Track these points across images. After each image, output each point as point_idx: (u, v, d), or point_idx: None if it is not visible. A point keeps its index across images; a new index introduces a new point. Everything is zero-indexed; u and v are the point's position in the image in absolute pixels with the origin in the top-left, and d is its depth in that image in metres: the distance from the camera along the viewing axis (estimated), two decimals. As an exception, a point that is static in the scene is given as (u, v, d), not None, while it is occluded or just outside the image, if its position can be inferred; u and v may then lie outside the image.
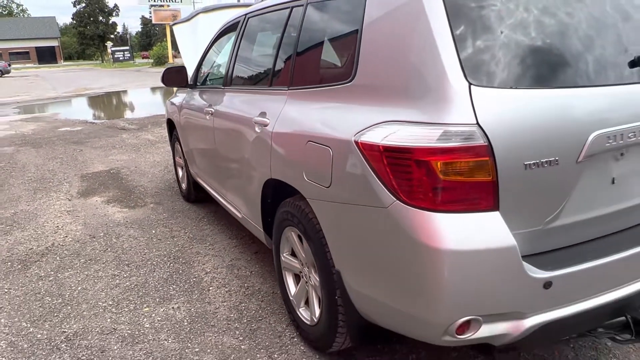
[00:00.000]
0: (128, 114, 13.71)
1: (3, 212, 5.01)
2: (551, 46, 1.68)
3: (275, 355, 2.47)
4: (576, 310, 1.70)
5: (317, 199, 2.05)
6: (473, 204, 1.56)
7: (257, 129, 2.62)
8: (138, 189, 5.60)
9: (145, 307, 2.98)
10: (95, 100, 18.33)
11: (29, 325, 2.86)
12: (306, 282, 2.44)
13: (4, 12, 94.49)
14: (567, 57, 1.68)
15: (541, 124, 1.57)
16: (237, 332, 2.68)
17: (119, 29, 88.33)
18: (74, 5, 74.19)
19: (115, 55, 52.79)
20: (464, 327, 1.62)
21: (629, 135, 1.68)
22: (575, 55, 1.69)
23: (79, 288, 3.28)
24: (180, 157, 4.92)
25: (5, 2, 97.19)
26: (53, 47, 75.67)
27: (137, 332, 2.72)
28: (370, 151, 1.68)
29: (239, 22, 3.40)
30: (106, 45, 65.28)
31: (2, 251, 3.99)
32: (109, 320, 2.86)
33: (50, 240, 4.16)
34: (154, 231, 4.26)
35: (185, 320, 2.81)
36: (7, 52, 70.60)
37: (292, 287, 2.62)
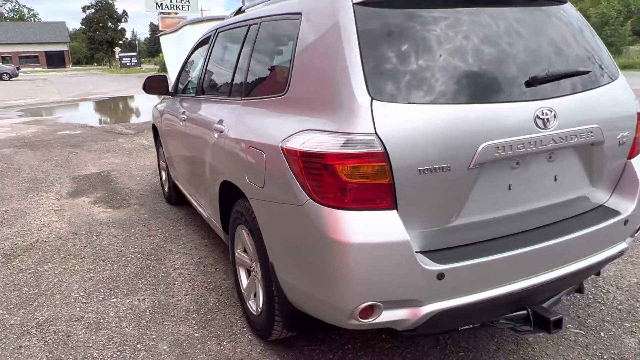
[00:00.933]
0: (128, 119, 14.04)
1: (-5, 209, 5.28)
2: (446, 67, 1.91)
3: (225, 343, 2.69)
4: (471, 300, 1.92)
5: (254, 198, 2.29)
6: (373, 203, 1.79)
7: (215, 134, 2.86)
8: (124, 191, 5.85)
9: (112, 298, 3.22)
10: (98, 105, 18.69)
11: (4, 312, 3.09)
12: (255, 276, 2.67)
13: (15, 17, 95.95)
14: (461, 77, 1.91)
15: (434, 135, 1.80)
16: (194, 322, 2.90)
17: (128, 35, 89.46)
18: (84, 11, 75.32)
19: (123, 61, 53.52)
20: (367, 312, 1.84)
21: (518, 146, 1.91)
22: (469, 75, 1.92)
23: (55, 280, 3.52)
24: (163, 161, 5.17)
25: (16, 7, 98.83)
26: (62, 51, 76.65)
27: (102, 320, 2.95)
28: (291, 155, 1.92)
29: (210, 35, 3.67)
30: (114, 51, 66.13)
31: (-12, 246, 4.24)
32: (78, 309, 3.10)
33: (35, 237, 4.40)
34: (133, 230, 4.50)
35: (147, 311, 3.04)
36: (17, 56, 71.54)
37: (244, 281, 2.85)
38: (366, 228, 1.77)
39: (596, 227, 2.17)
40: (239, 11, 3.40)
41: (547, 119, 1.96)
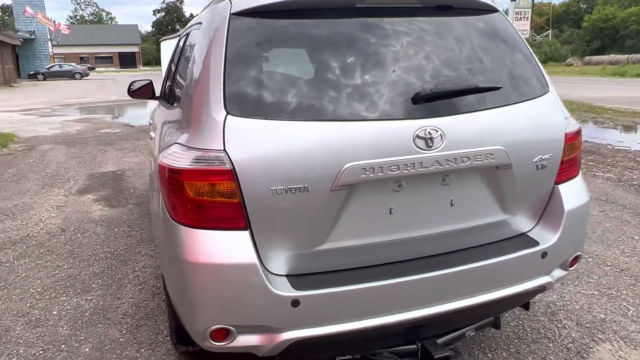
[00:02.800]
0: (170, 119, 14.55)
1: (8, 202, 5.62)
2: (313, 82, 1.81)
3: (143, 350, 2.69)
4: (336, 330, 1.79)
5: (153, 210, 2.28)
6: (222, 223, 1.71)
7: (151, 140, 2.88)
8: (129, 190, 6.05)
9: (63, 297, 3.31)
10: (148, 105, 19.50)
11: (-35, 302, 3.27)
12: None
13: (95, 20, 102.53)
14: (328, 93, 1.79)
15: (290, 154, 1.69)
16: (125, 327, 2.93)
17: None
18: (154, 14, 79.21)
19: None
20: (220, 335, 1.77)
21: (392, 168, 1.76)
22: (337, 91, 1.79)
23: (24, 275, 3.68)
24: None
25: (96, 10, 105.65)
26: (134, 52, 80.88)
27: (43, 318, 3.05)
28: (160, 170, 1.88)
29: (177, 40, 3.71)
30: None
31: (-14, 237, 4.52)
32: (28, 305, 3.22)
33: (28, 231, 4.64)
34: (116, 230, 4.63)
35: (88, 312, 3.11)
36: (93, 57, 76.33)
37: (171, 291, 2.84)
38: (214, 248, 1.70)
39: (503, 258, 1.97)
40: None
41: (431, 139, 1.80)
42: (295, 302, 1.72)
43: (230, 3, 1.91)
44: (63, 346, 2.75)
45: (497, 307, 2.13)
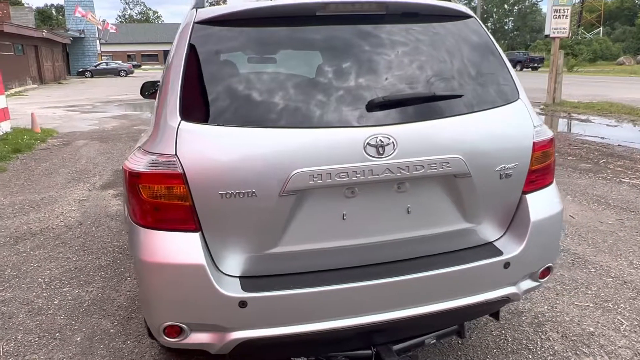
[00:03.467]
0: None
1: (36, 195, 5.94)
2: (266, 89, 1.84)
3: (129, 342, 2.82)
4: (286, 332, 1.83)
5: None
6: (174, 224, 1.78)
7: None
8: (148, 186, 6.27)
9: (66, 287, 3.50)
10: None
11: (-21, 289, 3.50)
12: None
13: (142, 19, 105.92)
14: (281, 100, 1.82)
15: (238, 159, 1.74)
16: (117, 319, 3.06)
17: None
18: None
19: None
20: (173, 331, 1.84)
21: (341, 175, 1.78)
22: (290, 98, 1.83)
23: (36, 265, 3.90)
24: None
25: (144, 10, 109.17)
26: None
27: (45, 307, 3.23)
28: (123, 173, 1.97)
29: None
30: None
31: (11, 227, 4.80)
32: (33, 294, 3.41)
33: (48, 224, 4.90)
34: (129, 224, 4.82)
35: (86, 303, 3.27)
36: (139, 54, 78.93)
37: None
38: (165, 249, 1.77)
39: (462, 267, 1.96)
40: None
41: (382, 147, 1.81)
42: (243, 304, 1.78)
43: (196, 12, 1.98)
44: (57, 334, 2.91)
45: (458, 316, 2.12)
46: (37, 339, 2.87)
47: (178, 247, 1.77)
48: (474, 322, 2.90)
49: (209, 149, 1.76)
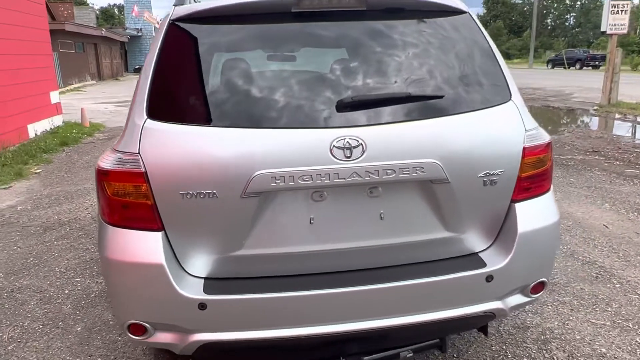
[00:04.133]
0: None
1: (72, 187, 6.21)
2: (232, 89, 1.80)
3: (123, 335, 2.86)
4: (250, 337, 1.79)
5: None
6: (137, 222, 1.78)
7: None
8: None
9: (79, 277, 3.61)
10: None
11: (1, 275, 3.68)
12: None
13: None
14: (245, 100, 1.77)
15: (199, 159, 1.71)
16: (119, 311, 3.13)
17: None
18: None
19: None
20: (137, 330, 1.84)
21: (304, 178, 1.71)
22: (255, 98, 1.77)
23: (57, 254, 4.06)
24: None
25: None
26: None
27: (54, 296, 3.35)
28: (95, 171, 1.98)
29: None
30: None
31: (43, 217, 5.04)
32: (47, 282, 3.55)
33: (77, 215, 5.10)
34: (150, 218, 4.93)
35: (93, 294, 3.36)
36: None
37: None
38: (127, 247, 1.77)
39: (439, 278, 1.85)
40: None
41: (350, 150, 1.73)
42: (202, 306, 1.75)
43: (173, 9, 1.97)
44: (60, 323, 3.01)
45: (436, 329, 2.00)
46: (41, 326, 2.98)
47: (139, 246, 1.76)
48: (474, 335, 2.75)
49: (170, 148, 1.74)
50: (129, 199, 1.76)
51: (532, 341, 2.70)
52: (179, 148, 1.73)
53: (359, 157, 1.73)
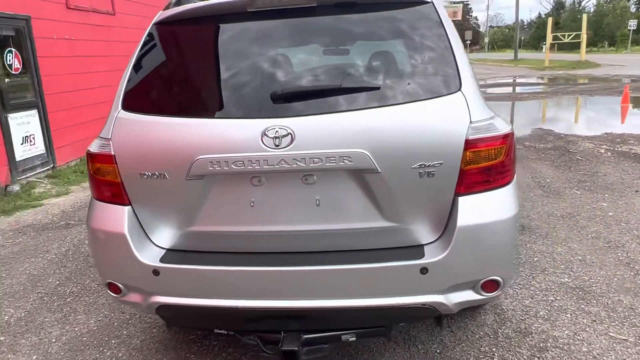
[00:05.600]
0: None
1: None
2: (182, 82, 2.02)
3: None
4: (195, 304, 2.02)
5: None
6: (110, 198, 2.10)
7: None
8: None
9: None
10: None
11: (86, 242, 4.39)
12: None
13: None
14: (194, 91, 1.99)
15: (153, 144, 1.97)
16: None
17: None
18: None
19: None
20: (114, 288, 2.17)
21: (237, 163, 1.88)
22: (202, 89, 1.98)
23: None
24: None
25: None
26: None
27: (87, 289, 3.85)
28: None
29: None
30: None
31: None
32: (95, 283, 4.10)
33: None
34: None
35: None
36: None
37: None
38: (102, 217, 2.11)
39: (371, 265, 1.90)
40: None
41: (278, 138, 1.85)
42: (156, 272, 2.02)
43: (160, 13, 2.25)
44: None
45: (372, 316, 2.03)
46: (95, 285, 3.53)
47: (110, 217, 2.09)
48: (466, 334, 2.67)
49: (133, 135, 2.02)
50: (104, 177, 2.09)
51: (528, 347, 2.54)
52: (138, 135, 2.01)
53: (287, 146, 1.85)
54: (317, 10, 2.04)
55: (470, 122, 1.87)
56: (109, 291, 2.21)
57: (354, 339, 2.09)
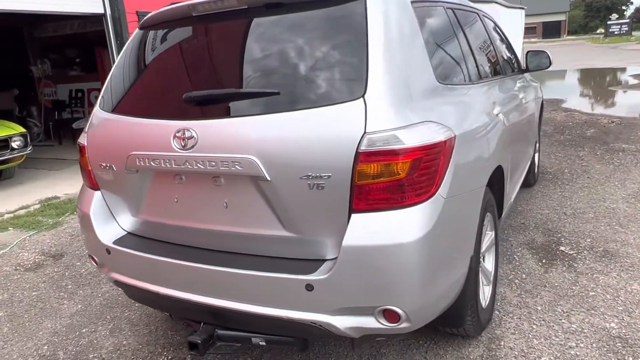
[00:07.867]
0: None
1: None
2: (135, 83, 2.22)
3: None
4: (135, 284, 2.25)
5: None
6: (87, 183, 2.43)
7: None
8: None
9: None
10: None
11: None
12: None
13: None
14: (134, 92, 2.21)
15: (104, 138, 2.25)
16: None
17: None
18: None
19: (611, 29, 48.79)
20: (94, 260, 2.53)
21: (154, 161, 2.01)
22: (137, 91, 2.20)
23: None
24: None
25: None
26: (559, 21, 76.82)
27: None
28: None
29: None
30: (610, 18, 60.98)
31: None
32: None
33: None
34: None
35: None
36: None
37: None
38: (81, 199, 2.46)
39: (259, 273, 1.89)
40: None
41: (184, 140, 1.94)
42: (108, 251, 2.30)
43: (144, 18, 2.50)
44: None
45: (264, 323, 1.97)
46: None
47: (84, 200, 2.43)
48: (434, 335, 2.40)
49: (97, 130, 2.32)
50: (83, 165, 2.44)
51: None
52: (99, 130, 2.31)
53: (191, 147, 1.93)
54: (249, 13, 2.03)
55: (365, 132, 1.69)
56: (92, 262, 2.58)
57: (264, 343, 2.09)
